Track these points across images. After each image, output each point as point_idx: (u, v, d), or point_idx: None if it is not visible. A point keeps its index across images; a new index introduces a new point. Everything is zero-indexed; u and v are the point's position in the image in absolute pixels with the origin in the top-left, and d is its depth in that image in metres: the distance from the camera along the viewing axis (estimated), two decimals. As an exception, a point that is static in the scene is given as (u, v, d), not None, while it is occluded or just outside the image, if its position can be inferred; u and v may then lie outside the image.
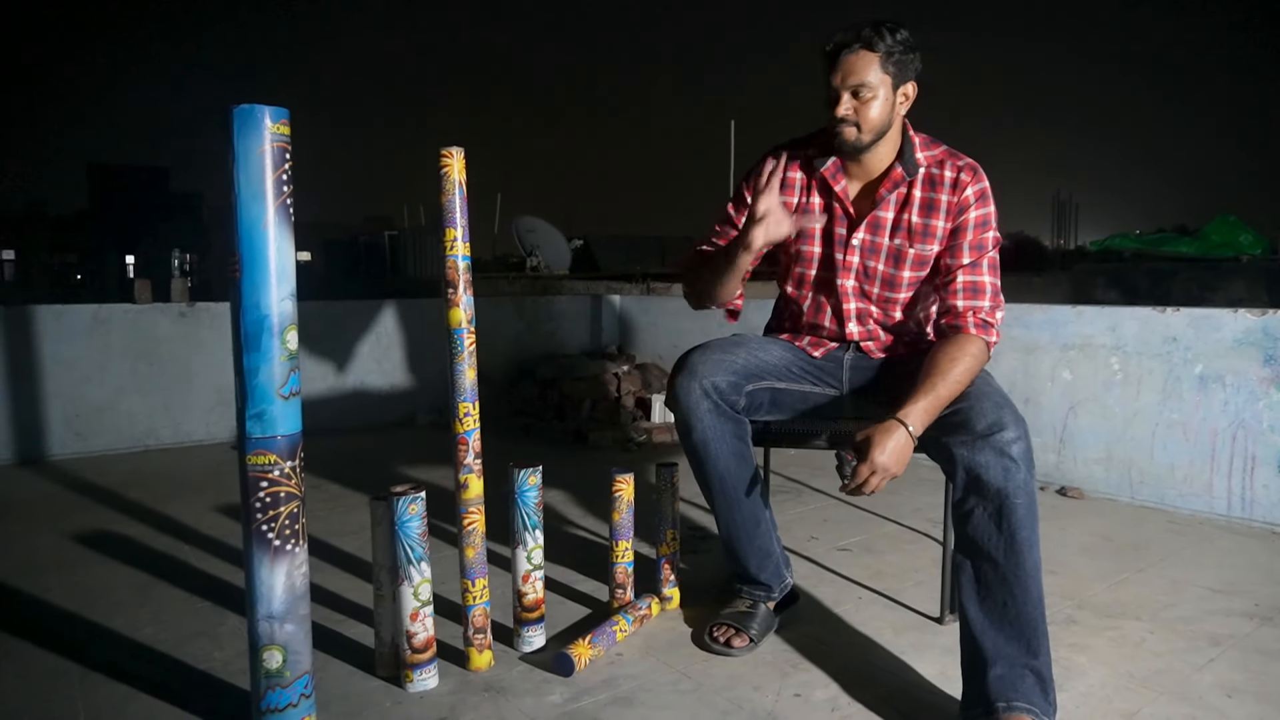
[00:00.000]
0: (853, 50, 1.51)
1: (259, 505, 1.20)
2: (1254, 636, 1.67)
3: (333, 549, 2.20)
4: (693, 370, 1.58)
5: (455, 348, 1.49)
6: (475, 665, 1.54)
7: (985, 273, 1.56)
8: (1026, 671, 1.30)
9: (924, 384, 1.41)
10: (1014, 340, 2.85)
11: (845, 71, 1.52)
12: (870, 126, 1.54)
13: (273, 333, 1.19)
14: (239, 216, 1.17)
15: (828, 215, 1.67)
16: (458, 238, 1.47)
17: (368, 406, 3.97)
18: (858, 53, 1.51)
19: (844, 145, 1.57)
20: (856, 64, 1.51)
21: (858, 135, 1.55)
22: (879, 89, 1.52)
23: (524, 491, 1.60)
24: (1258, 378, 2.35)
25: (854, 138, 1.55)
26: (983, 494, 1.33)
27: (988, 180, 1.59)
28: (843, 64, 1.52)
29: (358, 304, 4.21)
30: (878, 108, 1.53)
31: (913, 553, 2.18)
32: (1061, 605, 1.81)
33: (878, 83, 1.51)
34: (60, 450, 3.29)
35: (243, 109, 1.16)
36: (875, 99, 1.52)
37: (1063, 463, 2.76)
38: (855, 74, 1.51)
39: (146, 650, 1.63)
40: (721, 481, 1.61)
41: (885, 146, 1.59)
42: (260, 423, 1.19)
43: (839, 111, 1.53)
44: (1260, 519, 2.35)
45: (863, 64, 1.51)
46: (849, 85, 1.52)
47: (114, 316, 3.41)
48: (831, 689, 1.47)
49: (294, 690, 1.24)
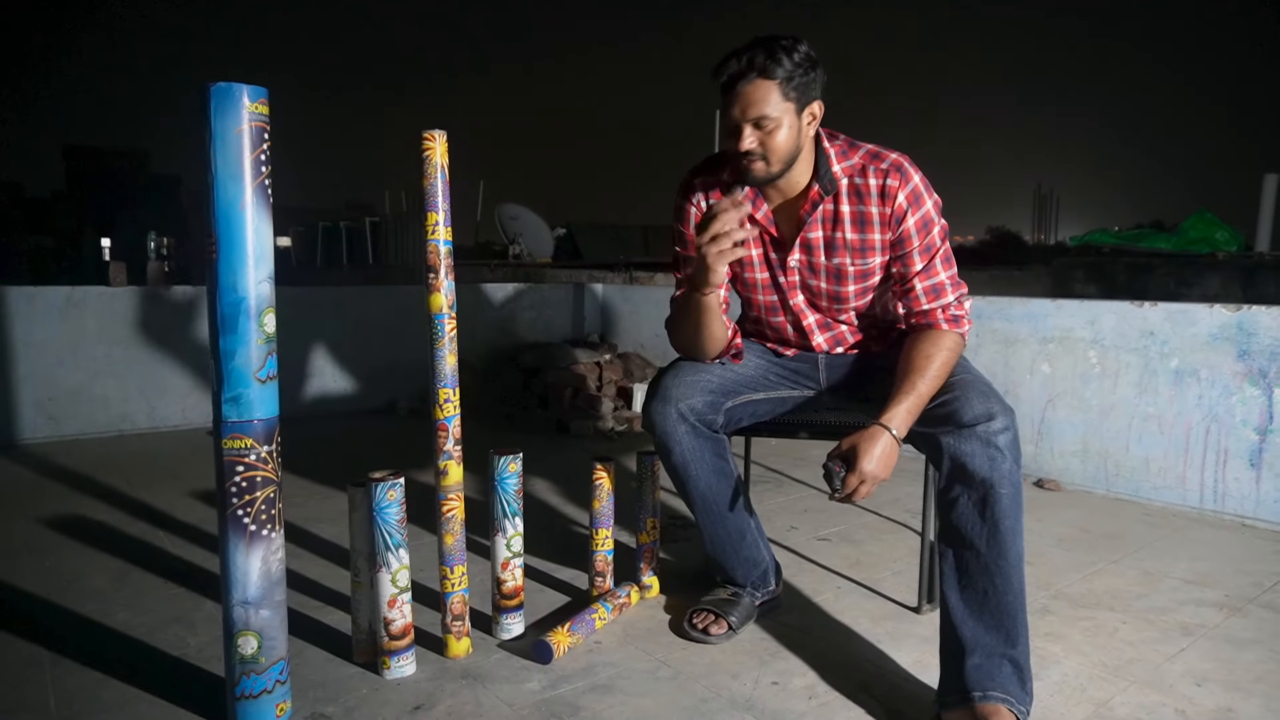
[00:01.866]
0: (749, 80, 1.39)
1: (235, 490, 1.18)
2: (1223, 627, 1.69)
3: (311, 535, 2.18)
4: (666, 395, 1.55)
5: (436, 333, 1.48)
6: (453, 652, 1.53)
7: (941, 271, 1.51)
8: (1004, 661, 1.31)
9: (903, 384, 1.40)
10: (994, 333, 2.87)
11: (744, 104, 1.40)
12: (779, 157, 1.44)
13: (250, 315, 1.17)
14: (216, 197, 1.15)
15: (760, 240, 1.60)
16: (439, 222, 1.45)
17: (349, 393, 3.94)
18: (754, 83, 1.39)
19: (754, 180, 1.48)
20: (754, 95, 1.40)
21: (766, 168, 1.45)
22: (782, 118, 1.41)
23: (504, 479, 1.59)
24: (1231, 372, 2.38)
25: (763, 171, 1.46)
26: (968, 483, 1.33)
27: (918, 172, 1.50)
28: (740, 96, 1.41)
29: (339, 290, 4.17)
30: (783, 136, 1.42)
31: (891, 543, 2.19)
32: (1037, 595, 1.83)
33: (780, 112, 1.41)
34: (32, 434, 3.24)
35: (220, 87, 1.14)
36: (779, 128, 1.42)
37: (1040, 454, 2.79)
38: (754, 106, 1.40)
39: (120, 636, 1.62)
40: (704, 500, 1.61)
41: (800, 167, 1.50)
42: (236, 406, 1.18)
43: (743, 146, 1.43)
44: (1231, 511, 2.38)
45: (761, 94, 1.39)
46: (749, 118, 1.41)
47: (88, 299, 3.36)
48: (809, 677, 1.48)
49: (269, 676, 1.23)
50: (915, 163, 1.51)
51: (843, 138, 1.54)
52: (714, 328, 1.54)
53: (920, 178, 1.50)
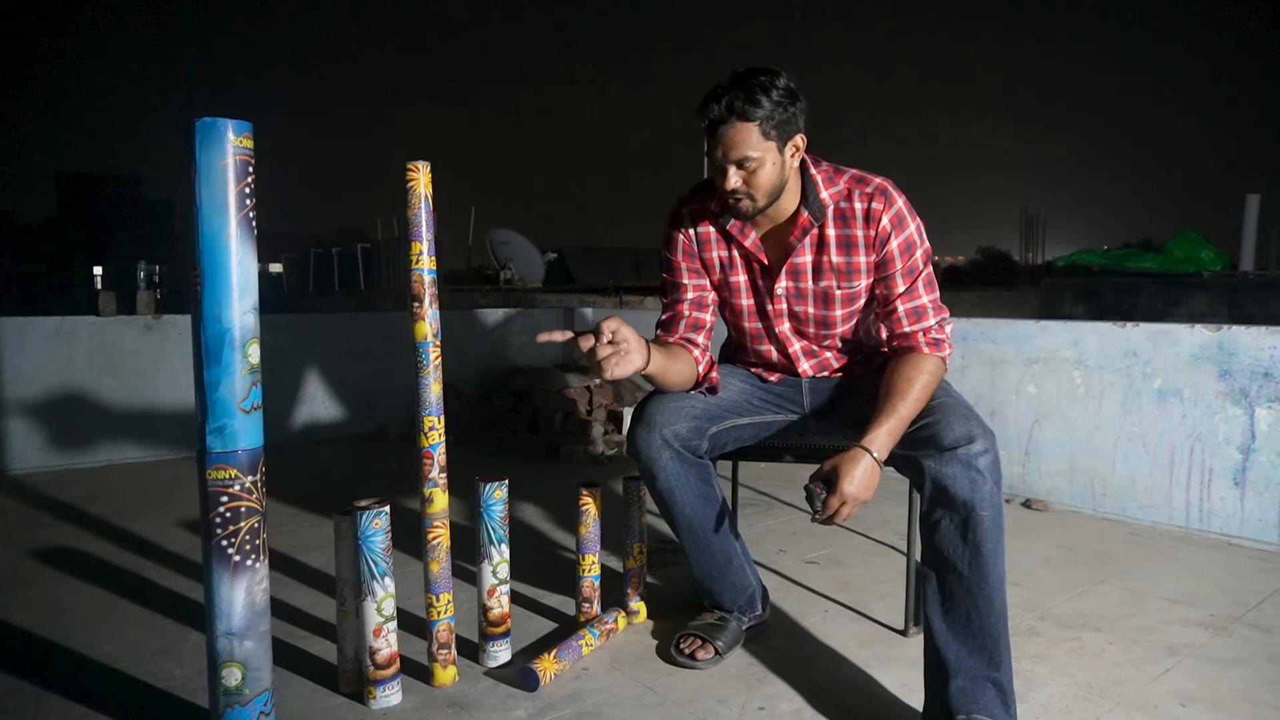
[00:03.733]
0: (729, 124, 1.41)
1: (219, 520, 1.19)
2: (1209, 646, 1.70)
3: (298, 564, 2.17)
4: (650, 421, 1.56)
5: (421, 361, 1.49)
6: (439, 681, 1.53)
7: (923, 294, 1.53)
8: (988, 684, 1.31)
9: (884, 407, 1.41)
10: (980, 354, 2.89)
11: (725, 146, 1.43)
12: (764, 192, 1.47)
13: (234, 346, 1.18)
14: (201, 229, 1.16)
15: (747, 267, 1.63)
16: (423, 251, 1.47)
17: (339, 419, 3.94)
18: (734, 126, 1.41)
19: (742, 215, 1.51)
20: (735, 138, 1.42)
21: (753, 205, 1.48)
22: (764, 156, 1.43)
23: (490, 505, 1.59)
24: (1214, 392, 2.40)
25: (749, 208, 1.49)
26: (949, 505, 1.35)
27: (902, 196, 1.53)
28: (722, 139, 1.43)
29: (329, 316, 4.18)
30: (767, 173, 1.45)
31: (879, 565, 2.19)
32: (1024, 616, 1.83)
33: (762, 151, 1.43)
34: (21, 465, 3.23)
35: (205, 122, 1.15)
36: (762, 167, 1.44)
37: (1028, 475, 2.80)
38: (736, 148, 1.42)
39: (105, 668, 1.61)
40: (689, 525, 1.61)
41: (787, 196, 1.53)
42: (221, 437, 1.18)
43: (728, 185, 1.45)
44: (1217, 530, 2.40)
45: (742, 137, 1.41)
46: (731, 160, 1.43)
47: (78, 329, 3.36)
48: (796, 702, 1.48)
49: (253, 708, 1.23)
50: (899, 187, 1.54)
51: (826, 164, 1.57)
52: (671, 380, 1.56)
53: (904, 201, 1.53)
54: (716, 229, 1.62)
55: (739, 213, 1.51)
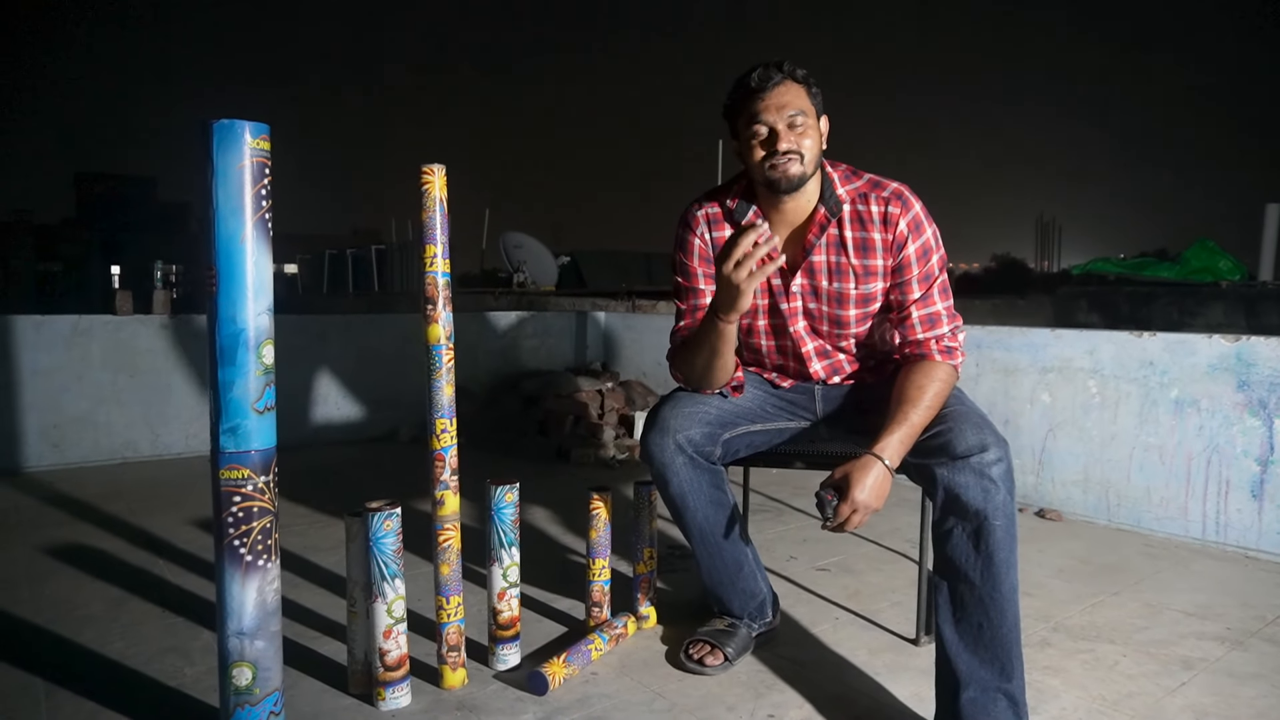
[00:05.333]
0: (779, 81, 1.46)
1: (231, 520, 1.19)
2: (1225, 660, 1.68)
3: (309, 564, 2.18)
4: (664, 426, 1.56)
5: (434, 364, 1.49)
6: (448, 683, 1.53)
7: (938, 301, 1.53)
8: (999, 695, 1.30)
9: (896, 415, 1.41)
10: (994, 362, 2.87)
11: (777, 103, 1.45)
12: (811, 158, 1.48)
13: (248, 347, 1.19)
14: (217, 230, 1.17)
15: None
16: (438, 254, 1.47)
17: (351, 421, 3.95)
18: (785, 83, 1.46)
19: (788, 183, 1.48)
20: (786, 95, 1.46)
21: (802, 168, 1.48)
22: (810, 118, 1.48)
23: (500, 509, 1.59)
24: (1232, 403, 2.38)
25: (799, 172, 1.48)
26: (962, 514, 1.34)
27: (919, 202, 1.53)
28: (772, 96, 1.46)
29: (342, 318, 4.20)
30: (813, 140, 1.48)
31: (891, 573, 2.18)
32: (1037, 628, 1.82)
33: (810, 110, 1.48)
34: (36, 462, 3.25)
35: (222, 124, 1.16)
36: (811, 127, 1.48)
37: (1041, 484, 2.78)
38: (789, 105, 1.45)
39: (116, 665, 1.61)
40: (701, 531, 1.61)
41: (808, 189, 1.53)
42: (234, 437, 1.19)
43: (783, 145, 1.45)
44: (1234, 543, 2.37)
45: (794, 94, 1.46)
46: (785, 117, 1.46)
47: (94, 327, 3.39)
48: (805, 710, 1.47)
49: (263, 708, 1.23)
50: (915, 192, 1.54)
51: (844, 165, 1.58)
52: (728, 356, 1.54)
53: (920, 206, 1.53)
54: (733, 227, 1.62)
55: (786, 180, 1.48)
